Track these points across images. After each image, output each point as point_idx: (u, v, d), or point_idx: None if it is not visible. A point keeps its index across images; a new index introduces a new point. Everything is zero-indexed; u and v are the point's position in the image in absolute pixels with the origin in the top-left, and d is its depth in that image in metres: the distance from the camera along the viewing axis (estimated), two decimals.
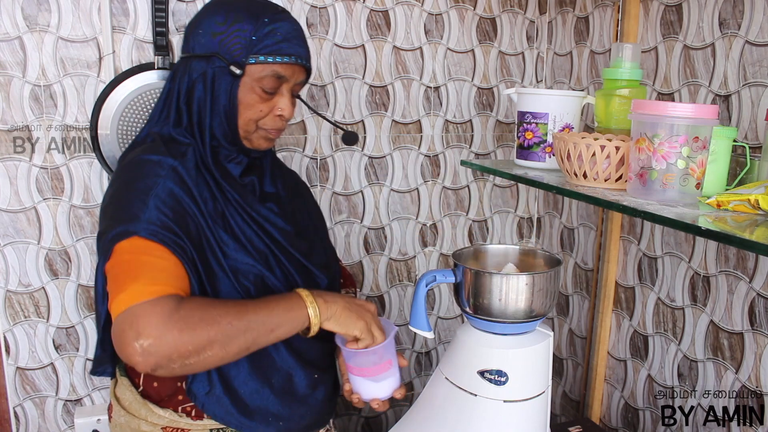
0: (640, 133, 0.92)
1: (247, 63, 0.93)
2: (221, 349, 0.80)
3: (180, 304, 0.79)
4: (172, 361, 0.77)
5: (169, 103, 0.98)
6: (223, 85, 0.93)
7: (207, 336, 0.78)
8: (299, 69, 0.98)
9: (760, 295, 1.16)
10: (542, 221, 1.89)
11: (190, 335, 0.77)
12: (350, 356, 0.98)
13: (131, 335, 0.75)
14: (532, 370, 1.06)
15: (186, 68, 0.96)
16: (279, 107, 0.97)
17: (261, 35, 0.92)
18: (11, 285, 1.44)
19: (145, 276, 0.80)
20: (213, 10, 0.95)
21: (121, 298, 0.78)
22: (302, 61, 0.97)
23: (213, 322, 0.79)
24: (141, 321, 0.75)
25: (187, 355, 0.77)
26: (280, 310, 0.87)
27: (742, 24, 1.16)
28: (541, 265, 1.16)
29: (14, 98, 1.37)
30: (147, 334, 0.75)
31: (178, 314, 0.77)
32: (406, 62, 1.67)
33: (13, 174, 1.40)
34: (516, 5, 1.75)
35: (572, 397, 1.78)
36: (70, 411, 1.54)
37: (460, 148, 1.78)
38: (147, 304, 0.76)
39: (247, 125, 0.97)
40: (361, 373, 0.99)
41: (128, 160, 0.93)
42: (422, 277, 1.08)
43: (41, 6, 1.35)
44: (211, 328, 0.79)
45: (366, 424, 1.86)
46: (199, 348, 0.78)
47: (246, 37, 0.92)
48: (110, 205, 0.89)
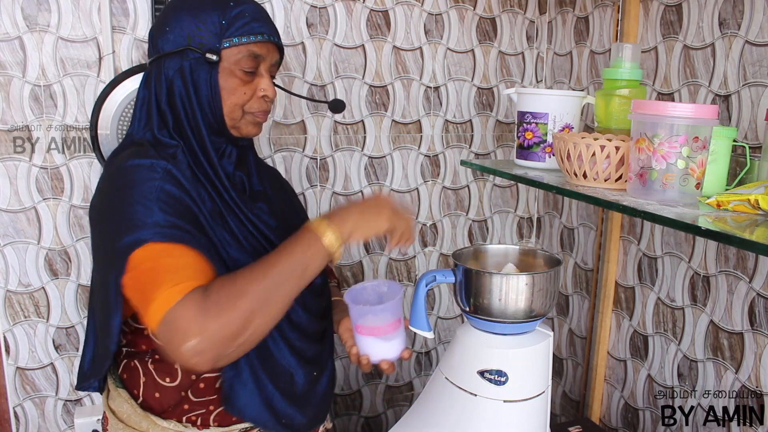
0: (640, 133, 0.92)
1: (222, 48, 0.92)
2: (263, 314, 0.79)
3: (206, 292, 0.78)
4: (225, 347, 0.76)
5: (148, 109, 0.96)
6: (202, 76, 0.92)
7: (243, 309, 0.77)
8: (273, 48, 0.98)
9: (760, 295, 1.16)
10: (542, 221, 1.89)
11: (228, 317, 0.76)
12: (360, 315, 0.97)
13: (177, 341, 0.75)
14: (532, 370, 1.06)
15: (159, 69, 0.94)
16: (261, 88, 0.97)
17: (230, 18, 0.92)
18: (11, 285, 1.44)
19: (167, 280, 0.78)
20: (176, 8, 0.95)
21: (153, 309, 0.77)
22: (275, 39, 0.97)
23: (243, 294, 0.78)
24: (179, 324, 0.75)
25: (235, 335, 0.77)
26: (301, 250, 0.84)
27: (742, 24, 1.16)
28: (541, 265, 1.16)
29: (14, 98, 1.37)
30: (191, 334, 0.74)
31: (208, 302, 0.76)
32: (406, 62, 1.67)
33: (13, 174, 1.40)
34: (516, 5, 1.75)
35: (572, 397, 1.78)
36: (70, 411, 1.54)
37: (460, 148, 1.78)
38: (177, 305, 0.76)
39: (232, 112, 0.96)
40: (372, 332, 0.98)
41: (116, 167, 0.91)
42: (422, 277, 1.08)
43: (41, 6, 1.35)
44: (243, 300, 0.77)
45: (366, 424, 1.86)
46: (242, 324, 0.77)
47: (215, 23, 0.92)
48: (108, 215, 0.87)
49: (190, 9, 0.93)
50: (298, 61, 1.57)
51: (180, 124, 0.94)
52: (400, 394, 1.88)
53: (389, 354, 1.00)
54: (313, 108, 1.61)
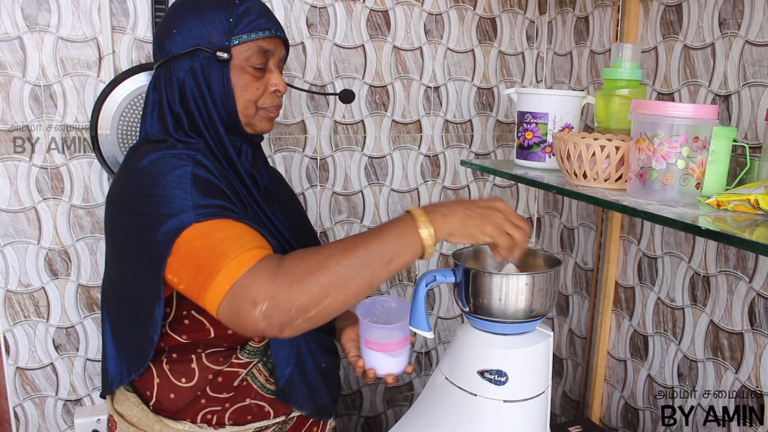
0: (640, 133, 0.92)
1: (232, 45, 0.92)
2: (339, 293, 0.76)
3: (282, 260, 0.76)
4: (293, 318, 0.74)
5: (160, 113, 0.95)
6: (214, 74, 0.93)
7: (319, 284, 0.75)
8: (279, 43, 0.99)
9: (760, 295, 1.16)
10: (542, 221, 1.89)
11: (300, 288, 0.74)
12: (371, 331, 0.99)
13: (247, 306, 0.73)
14: (532, 370, 1.05)
15: (169, 72, 0.94)
16: (272, 83, 0.98)
17: (237, 16, 0.93)
18: (11, 285, 1.44)
19: (231, 249, 0.77)
20: (181, 9, 0.95)
21: (220, 279, 0.75)
22: (281, 34, 0.99)
23: (321, 268, 0.75)
24: (251, 289, 0.73)
25: (306, 308, 0.74)
26: (393, 237, 0.79)
27: (742, 24, 1.16)
28: (541, 265, 1.16)
29: (14, 98, 1.37)
30: (261, 298, 0.73)
31: (282, 269, 0.75)
32: (406, 62, 1.67)
33: (13, 174, 1.40)
34: (516, 5, 1.75)
35: (572, 397, 1.78)
36: (70, 411, 1.54)
37: (460, 148, 1.78)
38: (250, 271, 0.74)
39: (246, 109, 0.96)
40: (381, 348, 1.00)
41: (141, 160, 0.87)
42: (422, 277, 1.08)
43: (41, 6, 1.35)
44: (320, 274, 0.75)
45: (366, 424, 1.86)
46: (315, 298, 0.75)
47: (223, 21, 0.92)
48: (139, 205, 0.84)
49: (196, 9, 0.93)
50: (298, 61, 1.57)
51: (195, 125, 0.94)
52: (400, 394, 1.88)
53: (395, 369, 1.03)
54: (313, 108, 1.61)
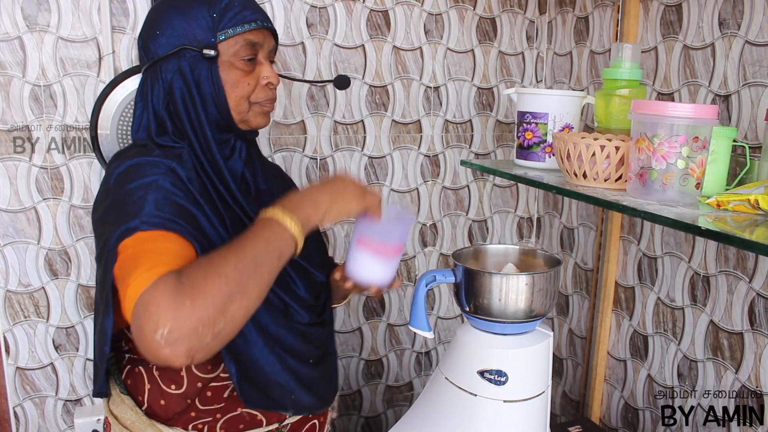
0: (640, 133, 0.92)
1: (218, 41, 0.91)
2: (242, 297, 0.72)
3: (180, 275, 0.71)
4: (201, 337, 0.67)
5: (147, 116, 0.94)
6: (202, 73, 0.91)
7: (220, 292, 0.69)
8: (267, 34, 0.97)
9: (760, 295, 1.16)
10: (542, 221, 1.89)
11: (203, 300, 0.68)
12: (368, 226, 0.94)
13: (149, 328, 0.66)
14: (532, 370, 1.06)
15: (156, 74, 0.92)
16: (264, 76, 0.96)
17: (220, 10, 0.91)
18: (11, 285, 1.44)
19: (144, 263, 0.73)
20: (163, 9, 0.93)
21: (128, 295, 0.71)
22: (268, 24, 0.97)
23: (219, 275, 0.70)
24: (151, 309, 0.67)
25: (213, 321, 0.68)
26: (273, 233, 0.79)
27: (741, 24, 1.16)
28: (541, 265, 1.16)
29: (14, 98, 1.37)
30: (163, 321, 0.66)
31: (182, 285, 0.69)
32: (406, 62, 1.67)
33: (13, 174, 1.40)
34: (516, 5, 1.75)
35: (572, 397, 1.78)
36: (69, 411, 1.54)
37: (460, 148, 1.78)
38: (149, 289, 0.68)
39: (239, 105, 0.94)
40: (377, 249, 0.95)
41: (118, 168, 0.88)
42: (422, 277, 1.08)
43: (41, 6, 1.35)
44: (220, 281, 0.70)
45: (366, 424, 1.86)
46: (219, 308, 0.69)
47: (207, 17, 0.91)
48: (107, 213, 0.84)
49: (178, 8, 0.92)
50: (298, 61, 1.57)
51: (181, 128, 0.93)
52: (400, 394, 1.88)
53: (380, 277, 0.97)
54: (313, 108, 1.61)
